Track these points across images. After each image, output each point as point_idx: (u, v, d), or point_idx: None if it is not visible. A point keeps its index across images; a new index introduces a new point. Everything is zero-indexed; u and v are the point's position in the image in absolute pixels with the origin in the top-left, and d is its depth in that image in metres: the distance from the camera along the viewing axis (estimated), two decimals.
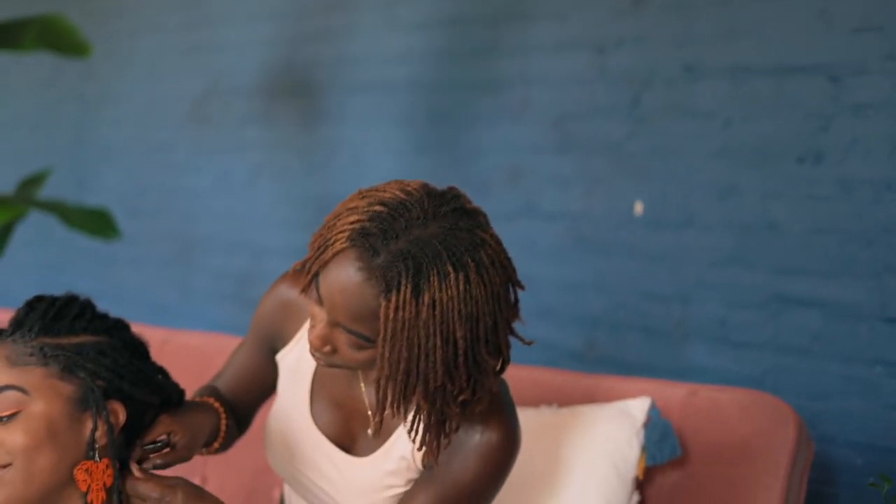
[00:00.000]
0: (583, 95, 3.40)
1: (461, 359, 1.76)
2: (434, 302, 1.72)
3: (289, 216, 4.47)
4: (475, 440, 1.90)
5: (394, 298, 1.72)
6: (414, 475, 1.98)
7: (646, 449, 2.33)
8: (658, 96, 3.21)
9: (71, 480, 1.77)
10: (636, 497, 2.33)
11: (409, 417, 1.88)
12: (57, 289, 1.86)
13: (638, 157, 3.27)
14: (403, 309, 1.72)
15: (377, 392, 1.80)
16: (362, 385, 2.04)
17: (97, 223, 3.97)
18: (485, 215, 1.83)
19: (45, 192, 4.76)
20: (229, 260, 4.75)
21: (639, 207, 3.28)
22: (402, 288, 1.72)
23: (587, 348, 3.39)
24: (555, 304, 3.44)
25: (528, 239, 3.44)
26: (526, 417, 2.24)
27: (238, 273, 4.69)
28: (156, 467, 1.88)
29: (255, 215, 4.63)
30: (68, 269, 5.45)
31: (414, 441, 1.88)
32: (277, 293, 2.14)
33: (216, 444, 2.12)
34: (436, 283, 1.72)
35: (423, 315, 1.73)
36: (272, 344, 2.16)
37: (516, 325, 1.87)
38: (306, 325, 2.08)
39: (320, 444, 2.05)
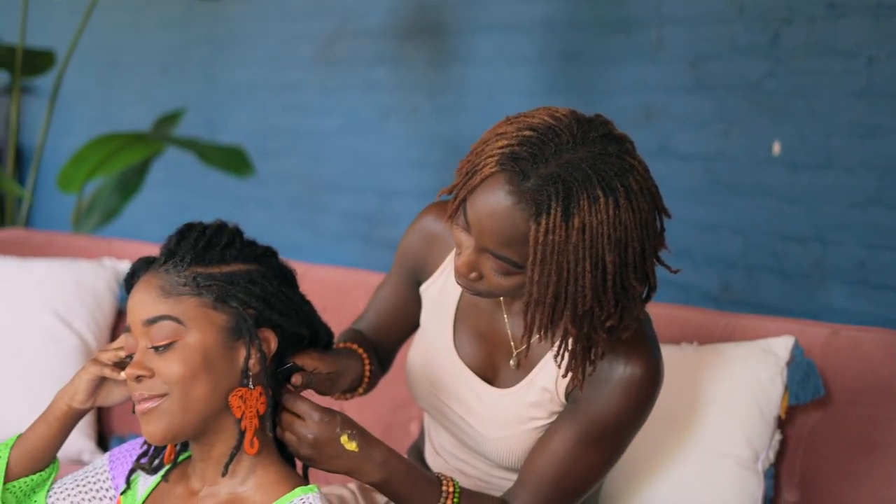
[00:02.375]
0: (720, 34, 3.36)
1: (610, 283, 1.76)
2: (584, 226, 1.72)
3: (417, 157, 4.49)
4: (619, 373, 1.90)
5: (544, 222, 1.72)
6: (557, 408, 1.98)
7: (788, 388, 2.31)
8: (798, 34, 3.15)
9: (226, 407, 1.79)
10: (778, 436, 2.31)
11: (556, 343, 1.88)
12: None
13: (776, 96, 3.22)
14: (553, 232, 1.72)
15: (525, 316, 1.80)
16: (505, 316, 2.04)
17: (232, 160, 4.03)
18: (632, 142, 1.82)
19: (176, 131, 4.82)
20: (357, 200, 4.78)
21: (777, 147, 3.24)
22: (553, 211, 1.71)
23: (722, 290, 3.36)
24: (689, 245, 3.42)
25: (663, 179, 3.38)
26: (667, 354, 2.22)
27: (366, 213, 4.73)
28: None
29: (384, 156, 4.65)
30: (197, 208, 5.53)
31: (560, 366, 1.87)
32: (422, 225, 2.14)
33: (360, 390, 2.15)
34: (586, 207, 1.72)
35: (573, 239, 1.72)
36: (416, 276, 2.17)
37: (662, 255, 1.85)
38: (450, 257, 2.09)
39: (463, 375, 2.06)
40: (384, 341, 2.23)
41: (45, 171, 5.75)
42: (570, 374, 1.89)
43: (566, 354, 1.85)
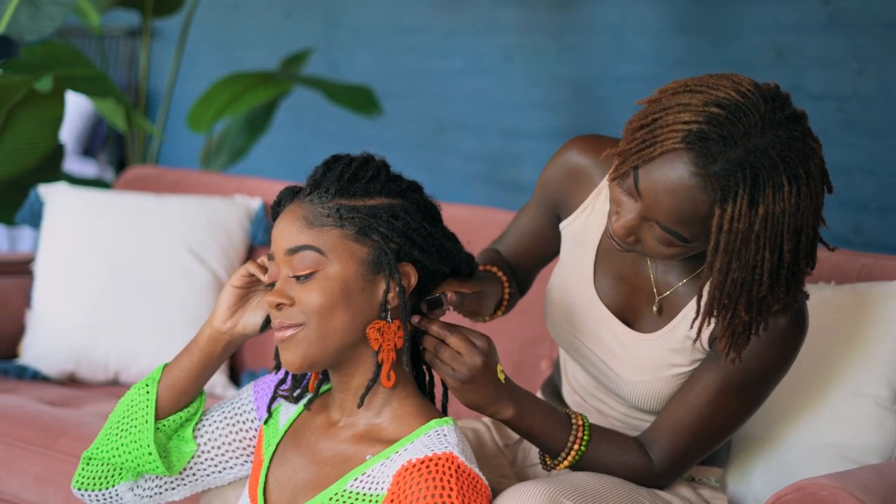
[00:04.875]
0: None
1: (784, 271, 1.76)
2: (767, 215, 1.71)
3: (542, 98, 4.47)
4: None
5: (729, 209, 1.71)
6: (699, 355, 1.97)
7: None
8: None
9: (363, 339, 1.80)
10: None
11: (722, 323, 1.84)
12: (306, 171, 1.87)
13: None
14: (738, 220, 1.71)
15: (698, 299, 1.82)
16: (649, 261, 2.03)
17: (359, 100, 4.05)
18: (807, 117, 1.79)
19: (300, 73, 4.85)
20: (480, 141, 4.78)
21: None
22: (739, 199, 1.70)
23: (854, 233, 3.32)
24: None
25: None
26: None
27: (489, 154, 4.73)
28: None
29: (507, 97, 4.64)
30: (320, 151, 5.55)
31: (722, 343, 1.85)
32: (566, 158, 2.11)
33: (499, 312, 2.15)
34: (770, 196, 1.71)
35: (756, 227, 1.72)
36: (556, 210, 2.15)
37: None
38: (593, 195, 2.07)
39: (603, 317, 2.05)
40: (522, 265, 2.23)
41: (169, 113, 5.83)
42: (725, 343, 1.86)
43: (732, 333, 1.84)
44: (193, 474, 2.01)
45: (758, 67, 3.54)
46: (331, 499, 1.79)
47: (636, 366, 2.01)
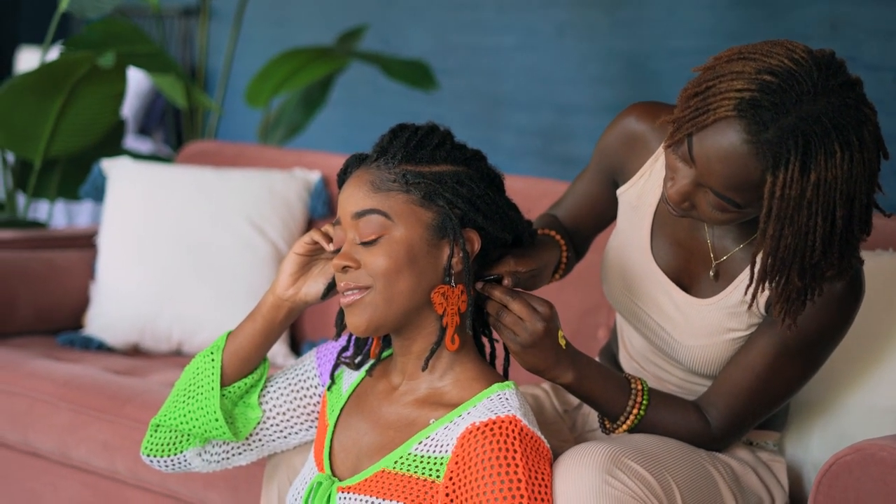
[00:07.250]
0: None
1: (837, 238, 1.78)
2: (819, 181, 1.73)
3: (595, 72, 4.48)
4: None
5: (781, 176, 1.73)
6: (756, 320, 1.99)
7: None
8: None
9: (428, 303, 1.83)
10: None
11: (777, 289, 1.86)
12: (361, 146, 1.89)
13: None
14: (790, 187, 1.73)
15: (751, 266, 1.84)
16: (706, 226, 2.05)
17: (416, 74, 4.08)
18: (862, 83, 1.80)
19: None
20: (534, 116, 4.79)
21: None
22: (791, 166, 1.72)
23: None
24: None
25: None
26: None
27: (542, 129, 4.74)
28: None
29: (561, 72, 4.65)
30: (374, 127, 5.56)
31: (777, 309, 1.87)
32: (624, 125, 2.13)
33: (556, 276, 2.18)
34: (822, 163, 1.72)
35: (808, 194, 1.73)
36: (613, 176, 2.17)
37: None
38: (650, 161, 2.09)
39: (660, 281, 2.07)
40: (579, 231, 2.25)
41: (226, 90, 5.87)
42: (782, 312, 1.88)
43: (785, 299, 1.86)
44: (259, 440, 2.05)
45: (813, 39, 3.53)
46: (395, 462, 1.82)
47: (693, 331, 2.03)
